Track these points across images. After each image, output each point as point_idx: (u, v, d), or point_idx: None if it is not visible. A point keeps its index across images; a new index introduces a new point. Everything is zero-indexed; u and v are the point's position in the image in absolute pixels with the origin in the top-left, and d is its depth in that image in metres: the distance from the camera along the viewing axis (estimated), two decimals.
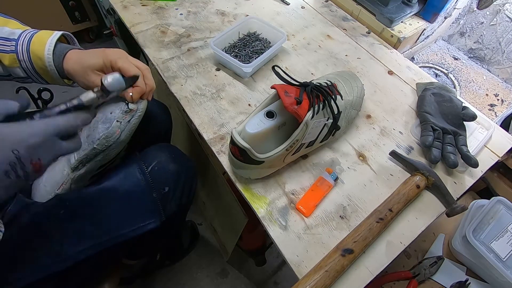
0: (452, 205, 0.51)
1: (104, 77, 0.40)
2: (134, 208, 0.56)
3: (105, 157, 0.53)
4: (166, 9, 0.80)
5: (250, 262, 1.07)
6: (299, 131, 0.46)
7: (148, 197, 0.57)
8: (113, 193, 0.55)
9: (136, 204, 0.57)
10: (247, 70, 0.63)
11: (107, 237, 0.54)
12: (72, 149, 0.37)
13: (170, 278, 1.05)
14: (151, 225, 0.57)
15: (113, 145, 0.52)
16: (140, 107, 0.52)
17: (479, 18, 0.85)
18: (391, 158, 0.57)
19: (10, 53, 0.46)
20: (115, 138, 0.51)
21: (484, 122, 0.63)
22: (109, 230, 0.54)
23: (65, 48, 0.49)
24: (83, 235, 0.52)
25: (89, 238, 0.52)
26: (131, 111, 0.51)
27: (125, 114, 0.51)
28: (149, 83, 0.52)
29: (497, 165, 0.69)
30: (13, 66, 0.47)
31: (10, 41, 0.46)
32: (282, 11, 0.83)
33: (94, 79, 0.48)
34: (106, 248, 0.53)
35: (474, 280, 0.67)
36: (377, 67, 0.72)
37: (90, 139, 0.52)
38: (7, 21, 0.49)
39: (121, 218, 0.55)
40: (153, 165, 0.59)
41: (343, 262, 0.43)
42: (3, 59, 0.46)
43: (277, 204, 0.51)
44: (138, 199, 0.57)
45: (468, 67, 0.87)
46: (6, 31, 0.47)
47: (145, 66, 0.51)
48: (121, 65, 0.47)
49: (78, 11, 1.48)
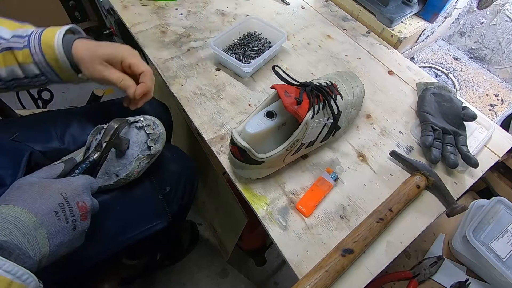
0: (452, 205, 0.51)
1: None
2: (141, 210, 0.57)
3: (116, 186, 0.54)
4: (166, 9, 0.80)
5: (250, 262, 1.07)
6: (299, 131, 0.46)
7: (154, 199, 0.58)
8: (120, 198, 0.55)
9: (143, 206, 0.57)
10: (247, 70, 0.63)
11: (115, 241, 0.54)
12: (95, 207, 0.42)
13: (170, 278, 1.05)
14: (159, 226, 0.58)
15: (127, 181, 0.53)
16: (160, 149, 0.53)
17: (479, 18, 0.85)
18: (391, 158, 0.57)
19: (24, 49, 0.47)
20: (133, 177, 0.52)
21: (484, 122, 0.63)
22: (117, 234, 0.54)
23: (73, 37, 0.50)
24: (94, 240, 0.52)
25: (100, 243, 0.52)
26: (152, 154, 0.52)
27: (145, 155, 0.51)
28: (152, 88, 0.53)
29: (497, 165, 0.69)
30: (26, 62, 0.48)
31: (23, 38, 0.48)
32: (282, 11, 0.83)
33: (100, 68, 0.48)
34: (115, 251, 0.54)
35: (474, 280, 0.67)
36: (377, 67, 0.72)
37: (103, 169, 0.52)
38: (21, 25, 0.51)
39: (129, 221, 0.55)
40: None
41: (343, 262, 0.43)
42: (17, 56, 0.48)
43: (277, 204, 0.51)
44: (144, 201, 0.57)
45: (468, 67, 0.87)
46: (20, 31, 0.49)
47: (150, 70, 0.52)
48: (132, 61, 0.49)
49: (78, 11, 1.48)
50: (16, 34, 0.48)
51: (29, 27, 0.51)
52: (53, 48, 0.48)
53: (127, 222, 0.55)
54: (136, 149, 0.51)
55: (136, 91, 0.49)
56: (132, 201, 0.55)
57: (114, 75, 0.48)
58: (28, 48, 0.47)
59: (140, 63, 0.50)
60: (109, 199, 0.53)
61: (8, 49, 0.47)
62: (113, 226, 0.53)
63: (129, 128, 0.53)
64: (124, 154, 0.52)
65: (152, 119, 0.53)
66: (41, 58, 0.48)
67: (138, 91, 0.49)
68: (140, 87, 0.49)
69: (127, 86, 0.48)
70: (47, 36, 0.48)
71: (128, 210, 0.55)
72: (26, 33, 0.48)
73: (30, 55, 0.48)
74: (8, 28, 0.49)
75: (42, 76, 0.50)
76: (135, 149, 0.52)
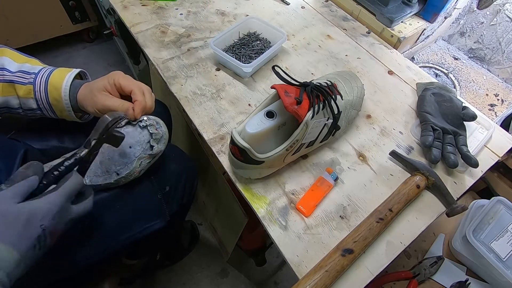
0: (452, 205, 0.51)
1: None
2: (140, 210, 0.57)
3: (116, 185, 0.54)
4: (166, 9, 0.80)
5: (250, 262, 1.07)
6: (299, 131, 0.46)
7: (153, 198, 0.58)
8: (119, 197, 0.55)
9: (142, 205, 0.57)
10: (247, 70, 0.63)
11: (115, 240, 0.54)
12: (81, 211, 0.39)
13: (170, 278, 1.05)
14: (157, 225, 0.58)
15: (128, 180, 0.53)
16: (162, 149, 0.52)
17: (479, 18, 0.85)
18: (391, 158, 0.57)
19: (28, 85, 0.49)
20: (134, 176, 0.52)
21: (484, 122, 0.63)
22: (116, 233, 0.54)
23: (80, 82, 0.52)
24: (91, 239, 0.52)
25: (97, 242, 0.52)
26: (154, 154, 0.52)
27: (147, 155, 0.51)
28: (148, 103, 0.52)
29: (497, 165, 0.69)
30: (26, 97, 0.50)
31: (29, 75, 0.50)
32: (282, 11, 0.83)
33: (100, 98, 0.49)
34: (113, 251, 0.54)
35: (474, 280, 0.67)
36: (377, 67, 0.72)
37: (104, 167, 0.52)
38: (29, 59, 0.53)
39: (128, 221, 0.55)
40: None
41: (343, 262, 0.43)
42: (18, 90, 0.50)
43: (277, 204, 0.51)
44: (143, 200, 0.57)
45: (468, 67, 0.87)
46: (27, 67, 0.51)
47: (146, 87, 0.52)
48: (122, 82, 0.50)
49: (78, 11, 1.48)
50: (22, 70, 0.50)
51: (36, 63, 0.53)
52: (59, 90, 0.50)
53: (125, 221, 0.55)
54: (138, 148, 0.51)
55: (135, 112, 0.50)
56: (131, 200, 0.55)
57: (115, 103, 0.49)
58: (33, 85, 0.49)
59: (129, 83, 0.50)
60: (108, 197, 0.53)
61: (10, 82, 0.49)
62: (111, 224, 0.54)
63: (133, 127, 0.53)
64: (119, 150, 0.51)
65: (156, 119, 0.53)
66: (44, 96, 0.50)
67: (136, 111, 0.50)
68: (136, 107, 0.50)
69: (126, 110, 0.49)
70: (55, 77, 0.50)
71: (127, 209, 0.55)
72: (33, 70, 0.50)
73: (32, 92, 0.50)
74: (16, 61, 0.51)
75: (38, 111, 0.52)
76: (137, 148, 0.51)
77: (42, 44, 1.49)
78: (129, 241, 0.55)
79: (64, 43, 1.65)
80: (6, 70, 0.49)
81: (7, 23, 1.33)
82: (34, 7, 1.35)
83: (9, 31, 1.37)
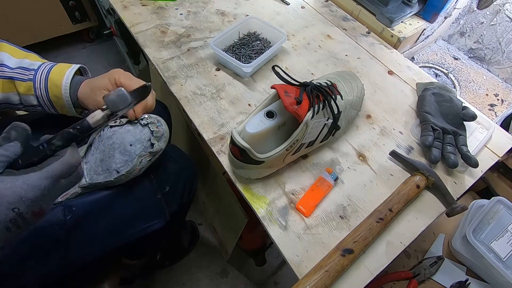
0: (452, 205, 0.51)
1: (106, 94, 0.39)
2: (140, 209, 0.57)
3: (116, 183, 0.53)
4: (166, 9, 0.80)
5: (250, 262, 1.07)
6: (299, 131, 0.46)
7: (153, 198, 0.58)
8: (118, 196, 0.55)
9: (141, 205, 0.57)
10: (247, 70, 0.63)
11: (113, 239, 0.54)
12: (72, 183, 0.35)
13: (170, 278, 1.05)
14: (157, 225, 0.58)
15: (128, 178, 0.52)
16: (163, 147, 0.52)
17: (479, 18, 0.85)
18: (391, 158, 0.57)
19: (27, 81, 0.49)
20: (134, 174, 0.52)
21: (484, 122, 0.63)
22: (115, 232, 0.54)
23: (80, 79, 0.52)
24: (90, 238, 0.52)
25: (96, 241, 0.52)
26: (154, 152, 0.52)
27: (148, 153, 0.51)
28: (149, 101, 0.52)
29: (497, 165, 0.69)
30: (27, 94, 0.50)
31: (29, 71, 0.49)
32: (282, 11, 0.83)
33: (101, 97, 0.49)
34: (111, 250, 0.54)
35: (474, 280, 0.67)
36: (377, 67, 0.72)
37: (104, 165, 0.52)
38: (28, 54, 0.53)
39: (127, 220, 0.55)
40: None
41: (343, 262, 0.43)
42: (19, 87, 0.49)
43: (277, 204, 0.51)
44: (143, 200, 0.57)
45: (468, 67, 0.87)
46: (27, 63, 0.50)
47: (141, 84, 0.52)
48: (123, 81, 0.50)
49: (78, 11, 1.48)
50: (22, 66, 0.50)
51: (36, 59, 0.52)
52: (59, 87, 0.49)
53: (124, 220, 0.55)
54: (139, 146, 0.51)
55: (135, 110, 0.50)
56: (130, 200, 0.55)
57: None
58: (33, 82, 0.49)
59: (130, 81, 0.50)
60: (107, 196, 0.53)
61: (10, 79, 0.49)
62: (110, 223, 0.54)
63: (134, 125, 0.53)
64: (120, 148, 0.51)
65: (157, 118, 0.53)
66: (44, 93, 0.50)
67: (137, 110, 0.50)
68: (137, 107, 0.50)
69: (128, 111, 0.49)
70: (56, 74, 0.50)
71: (126, 208, 0.55)
72: (32, 66, 0.50)
73: (32, 88, 0.49)
74: (14, 56, 0.50)
75: (39, 107, 0.52)
76: (138, 146, 0.51)
77: (42, 44, 1.49)
78: (129, 241, 0.55)
79: (64, 43, 1.65)
80: (5, 66, 0.49)
81: (7, 23, 1.33)
82: (34, 7, 1.35)
83: (9, 31, 1.37)
